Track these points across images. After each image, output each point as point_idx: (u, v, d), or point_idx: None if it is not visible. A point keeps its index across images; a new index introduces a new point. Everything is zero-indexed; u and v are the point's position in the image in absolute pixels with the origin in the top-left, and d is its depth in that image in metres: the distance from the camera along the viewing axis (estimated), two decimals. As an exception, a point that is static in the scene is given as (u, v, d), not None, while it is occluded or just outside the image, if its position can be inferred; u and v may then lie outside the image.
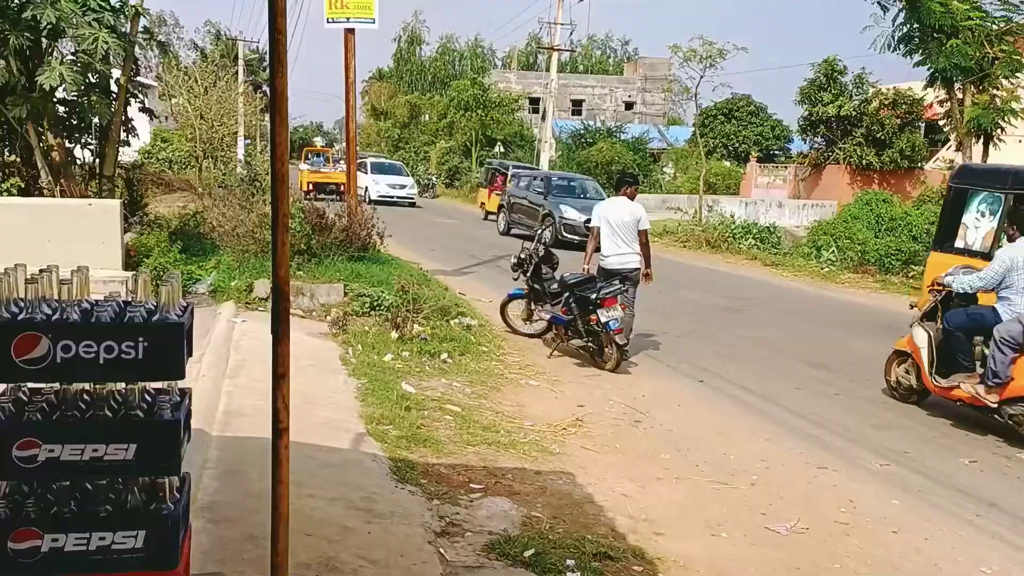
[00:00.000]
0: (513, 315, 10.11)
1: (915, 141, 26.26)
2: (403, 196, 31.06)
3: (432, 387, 7.33)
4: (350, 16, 11.97)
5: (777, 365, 9.21)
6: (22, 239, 8.61)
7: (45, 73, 9.36)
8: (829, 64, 27.67)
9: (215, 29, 59.72)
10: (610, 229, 8.76)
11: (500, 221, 22.64)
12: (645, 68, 56.42)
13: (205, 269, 10.57)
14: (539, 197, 20.84)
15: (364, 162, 32.39)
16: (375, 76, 69.49)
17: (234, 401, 5.89)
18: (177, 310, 2.28)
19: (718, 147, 35.76)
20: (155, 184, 22.03)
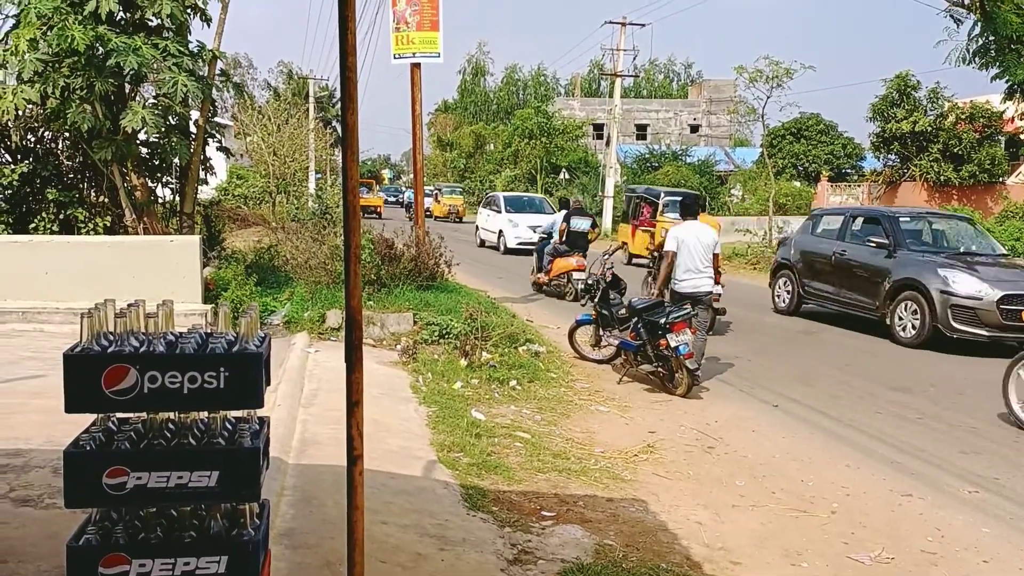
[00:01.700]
0: (581, 341, 10.08)
1: (995, 155, 25.32)
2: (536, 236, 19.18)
3: (501, 414, 7.35)
4: (416, 51, 12.25)
5: (855, 389, 8.93)
6: (109, 275, 9.04)
7: (128, 116, 9.82)
8: (902, 79, 26.98)
9: (287, 69, 61.85)
10: (687, 253, 8.69)
11: (779, 292, 13.99)
12: (710, 90, 56.04)
13: (279, 301, 10.86)
14: (879, 255, 12.22)
15: (495, 198, 26.68)
16: (441, 108, 70.85)
17: (309, 429, 6.02)
18: (256, 340, 2.36)
19: (787, 167, 35.16)
20: (231, 220, 22.81)
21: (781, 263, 14.17)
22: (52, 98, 10.00)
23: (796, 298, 13.52)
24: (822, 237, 13.53)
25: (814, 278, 13.20)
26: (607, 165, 35.64)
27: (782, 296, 13.96)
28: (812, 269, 13.29)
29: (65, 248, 9.80)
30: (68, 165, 11.56)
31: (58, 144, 11.61)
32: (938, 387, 9.05)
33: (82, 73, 9.62)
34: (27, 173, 11.06)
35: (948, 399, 8.55)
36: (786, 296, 13.85)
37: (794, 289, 13.57)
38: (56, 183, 11.26)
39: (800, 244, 13.89)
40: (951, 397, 8.64)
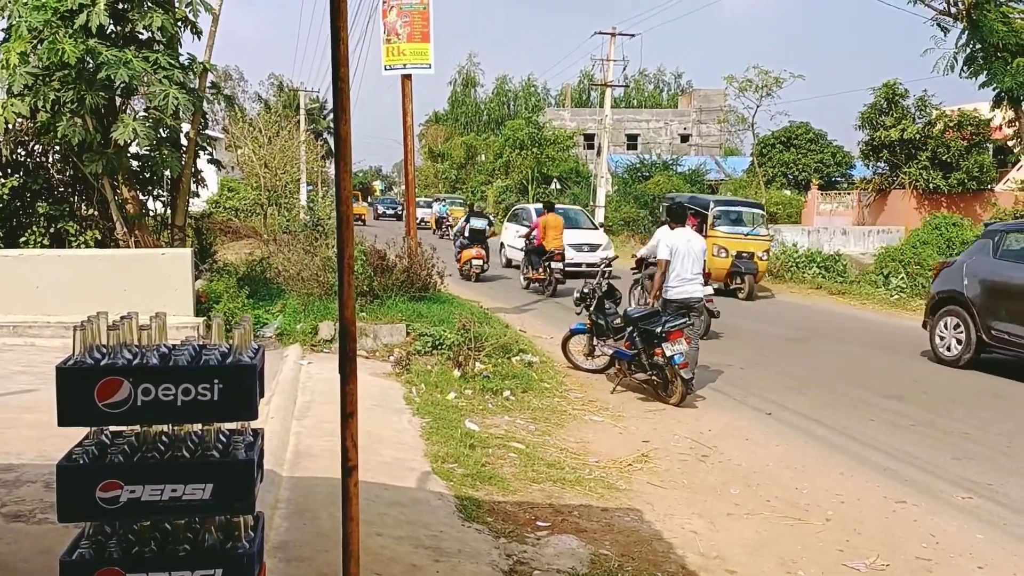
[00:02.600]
0: (575, 351, 10.08)
1: (983, 162, 25.49)
2: (594, 262, 16.92)
3: (495, 424, 7.34)
4: (407, 63, 12.29)
5: (848, 397, 8.96)
6: (100, 288, 8.99)
7: (119, 129, 9.80)
8: (890, 88, 27.17)
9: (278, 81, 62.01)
10: (679, 260, 8.75)
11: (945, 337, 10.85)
12: (699, 100, 56.33)
13: (272, 313, 10.84)
14: None
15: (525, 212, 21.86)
16: (431, 119, 70.99)
17: (302, 442, 5.99)
18: (249, 352, 2.35)
19: (777, 176, 35.30)
20: (223, 232, 22.78)
21: (946, 296, 10.81)
22: (42, 111, 9.98)
23: (974, 345, 10.27)
24: (1015, 261, 10.16)
25: (1005, 318, 9.90)
26: (598, 175, 35.78)
27: (949, 343, 10.67)
28: (1001, 305, 10.01)
29: (56, 262, 9.75)
30: (59, 178, 11.52)
31: (48, 157, 11.58)
32: (930, 395, 9.08)
33: (73, 86, 9.61)
34: (17, 187, 11.02)
35: (940, 406, 8.58)
36: (957, 343, 10.54)
37: (971, 333, 10.28)
38: (47, 196, 11.21)
39: (977, 271, 10.48)
40: (943, 404, 8.67)
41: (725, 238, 17.37)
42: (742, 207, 19.01)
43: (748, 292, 16.76)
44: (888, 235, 24.74)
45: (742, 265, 16.94)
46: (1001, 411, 8.49)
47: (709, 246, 14.79)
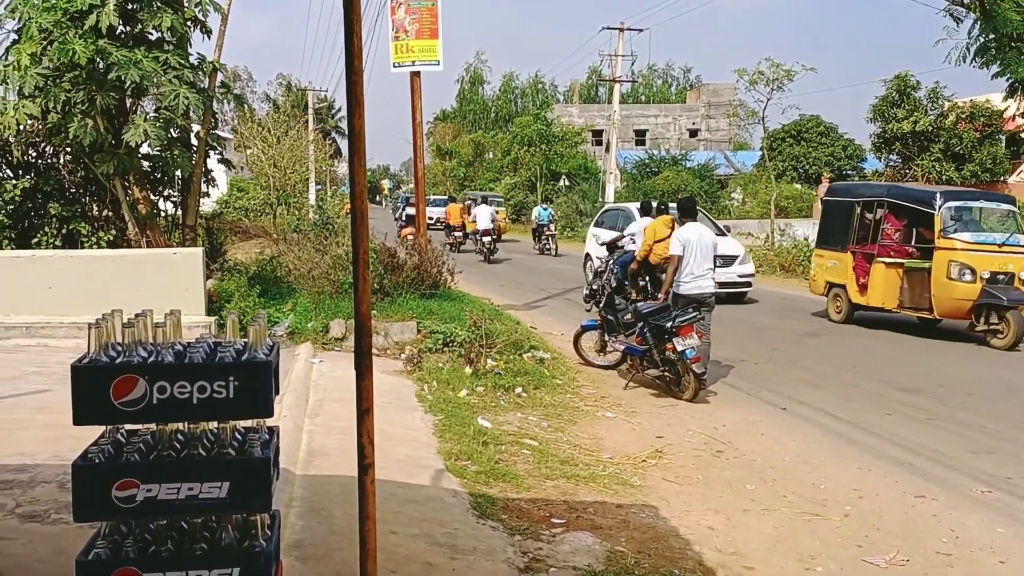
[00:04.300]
0: (586, 347, 10.05)
1: (996, 154, 25.29)
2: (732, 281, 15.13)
3: (508, 421, 7.31)
4: (415, 60, 12.26)
5: (863, 390, 8.88)
6: (112, 289, 9.01)
7: (130, 130, 9.81)
8: (901, 80, 26.98)
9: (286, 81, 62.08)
10: (691, 255, 8.70)
11: None
12: (708, 94, 56.09)
13: (282, 312, 10.84)
14: None
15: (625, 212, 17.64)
16: (439, 117, 70.90)
17: (315, 440, 5.98)
18: (264, 349, 2.33)
19: (788, 170, 35.14)
20: (233, 232, 22.80)
21: None
22: (53, 112, 10.00)
23: None
24: None
25: None
26: (607, 171, 35.69)
27: None
28: None
29: (68, 262, 9.78)
30: (70, 179, 11.54)
31: (60, 159, 11.60)
32: (946, 387, 9.00)
33: (83, 87, 9.62)
34: (29, 188, 11.05)
35: (956, 399, 8.50)
36: None
37: None
38: (58, 198, 11.25)
39: None
40: (959, 397, 8.59)
41: (969, 251, 11.43)
42: (990, 202, 12.68)
43: (1013, 337, 10.85)
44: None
45: (1001, 295, 11.01)
46: (1018, 404, 8.40)
47: (942, 263, 11.40)
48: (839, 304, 13.07)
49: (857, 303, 12.63)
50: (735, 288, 15.18)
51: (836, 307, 13.15)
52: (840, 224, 13.13)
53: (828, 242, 13.51)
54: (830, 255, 13.30)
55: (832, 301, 13.28)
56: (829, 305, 13.31)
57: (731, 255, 15.25)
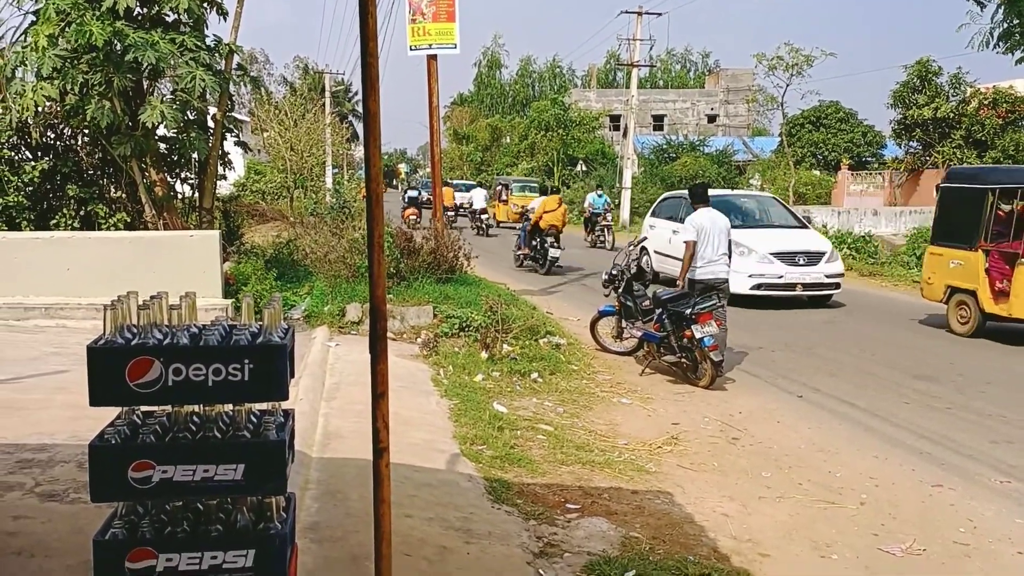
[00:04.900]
0: (603, 333, 10.02)
1: (1020, 140, 24.93)
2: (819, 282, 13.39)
3: (523, 406, 7.31)
4: (432, 43, 12.20)
5: (880, 379, 8.81)
6: (129, 271, 9.07)
7: (147, 112, 9.84)
8: (923, 65, 26.61)
9: (303, 64, 62.11)
10: (705, 241, 8.66)
11: None
12: (727, 79, 55.58)
13: (299, 295, 10.88)
14: None
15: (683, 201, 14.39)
16: (456, 101, 70.76)
17: (331, 423, 6.00)
18: (280, 332, 2.32)
19: (807, 156, 34.82)
20: (250, 215, 22.88)
21: None
22: (71, 94, 10.04)
23: None
24: None
25: None
26: (624, 156, 35.45)
27: None
28: None
29: (86, 244, 9.85)
30: (88, 161, 11.61)
31: (77, 140, 11.67)
32: (965, 376, 8.91)
33: (100, 69, 9.65)
34: (48, 170, 11.13)
35: (975, 388, 8.41)
36: None
37: None
38: (76, 179, 11.32)
39: None
40: (978, 386, 8.50)
41: None
42: None
43: None
44: (921, 216, 24.27)
45: None
46: None
47: None
48: (965, 313, 10.93)
49: (991, 312, 10.51)
50: (822, 290, 13.39)
51: (961, 316, 11.02)
52: (967, 217, 10.90)
53: (950, 238, 11.26)
54: (953, 254, 11.10)
55: (955, 309, 11.07)
56: (951, 314, 11.16)
57: (817, 251, 13.51)
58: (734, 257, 11.77)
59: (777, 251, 13.08)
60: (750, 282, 12.78)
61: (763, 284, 12.88)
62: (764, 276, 12.91)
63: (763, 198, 16.22)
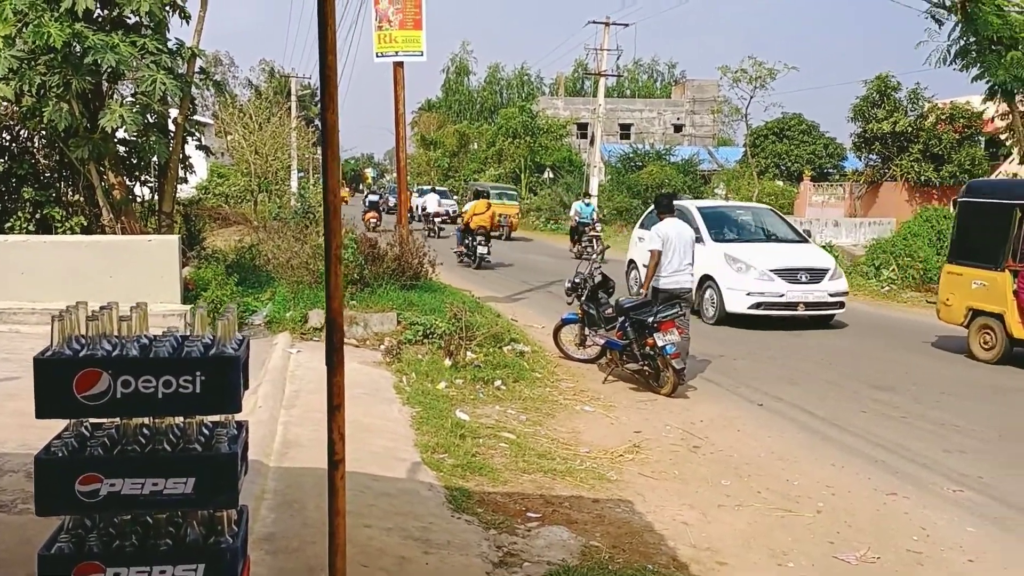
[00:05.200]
0: (566, 340, 10.05)
1: (975, 155, 25.55)
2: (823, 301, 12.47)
3: (486, 414, 7.30)
4: (399, 50, 12.16)
5: (839, 388, 8.95)
6: (86, 275, 8.89)
7: (106, 116, 9.66)
8: (882, 80, 27.16)
9: (269, 67, 61.50)
10: (671, 250, 8.77)
11: None
12: (693, 90, 56.19)
13: (261, 300, 10.75)
14: None
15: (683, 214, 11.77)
16: (424, 107, 70.61)
17: (290, 431, 5.94)
18: (233, 343, 2.29)
19: (770, 167, 35.32)
20: (212, 219, 22.56)
21: None
22: (28, 96, 9.83)
23: None
24: None
25: None
26: (591, 164, 35.66)
27: None
28: None
29: (41, 248, 9.63)
30: (44, 164, 11.37)
31: (34, 142, 11.42)
32: (921, 386, 9.08)
33: (59, 71, 9.46)
34: (3, 172, 10.88)
35: (931, 398, 8.58)
36: None
37: None
38: (32, 182, 11.07)
39: None
40: (934, 396, 8.67)
41: None
42: None
43: None
44: (880, 227, 24.75)
45: None
46: (992, 403, 8.50)
47: None
48: (990, 338, 10.11)
49: (1021, 338, 9.79)
50: (826, 309, 12.44)
51: (984, 341, 10.19)
52: (991, 234, 10.12)
53: (971, 256, 10.49)
54: (975, 274, 10.26)
55: (977, 333, 10.28)
56: (973, 338, 10.37)
57: (820, 268, 12.55)
58: (731, 274, 12.13)
59: (778, 268, 12.21)
60: (748, 301, 12.00)
61: (763, 303, 12.02)
62: (764, 294, 12.03)
63: (760, 210, 15.33)
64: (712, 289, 12.42)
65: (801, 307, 12.14)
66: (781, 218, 14.79)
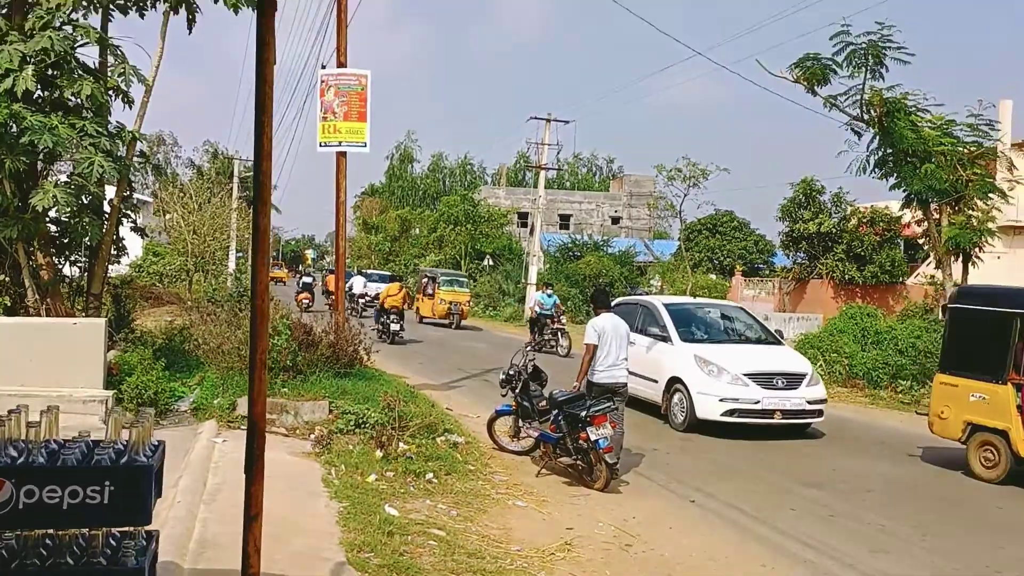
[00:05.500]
0: (500, 432, 9.98)
1: (895, 257, 26.81)
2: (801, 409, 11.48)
3: (417, 509, 7.14)
4: (342, 140, 12.34)
5: (770, 484, 9.04)
6: (7, 358, 8.54)
7: (39, 195, 9.49)
8: (807, 184, 28.55)
9: (213, 148, 61.45)
10: (607, 344, 8.86)
11: None
12: (630, 185, 58.08)
13: (188, 386, 10.46)
14: None
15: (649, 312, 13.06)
16: (367, 191, 71.20)
17: (209, 529, 5.70)
18: (148, 449, 2.23)
19: (703, 261, 36.41)
20: (144, 298, 22.08)
21: None
22: (-42, 173, 9.61)
23: None
24: None
25: None
26: (531, 253, 36.22)
27: None
28: None
29: (-41, 328, 9.25)
30: (-32, 242, 11.02)
31: (-40, 220, 11.08)
32: (848, 484, 9.23)
33: (-7, 150, 9.31)
34: (-76, 249, 10.51)
35: (858, 496, 8.72)
36: None
37: None
38: (-45, 261, 10.71)
39: None
40: (860, 494, 8.82)
41: None
42: None
43: None
44: (807, 322, 25.54)
45: None
46: (913, 502, 8.68)
47: None
48: (993, 456, 9.41)
49: None
50: (803, 417, 11.51)
51: (987, 459, 9.48)
52: (988, 344, 9.61)
53: (967, 367, 9.84)
54: (973, 386, 9.63)
55: (977, 450, 9.57)
56: (972, 455, 9.63)
57: (796, 372, 11.66)
58: (702, 377, 11.25)
59: (752, 372, 11.33)
60: (722, 407, 11.07)
61: (737, 410, 11.07)
62: (738, 401, 11.08)
63: (728, 307, 14.58)
64: (682, 393, 11.51)
65: (778, 415, 11.17)
66: (752, 317, 14.06)
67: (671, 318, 12.46)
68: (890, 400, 15.57)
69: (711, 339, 12.54)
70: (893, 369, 16.38)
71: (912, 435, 11.87)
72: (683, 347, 11.91)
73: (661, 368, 12.02)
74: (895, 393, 15.67)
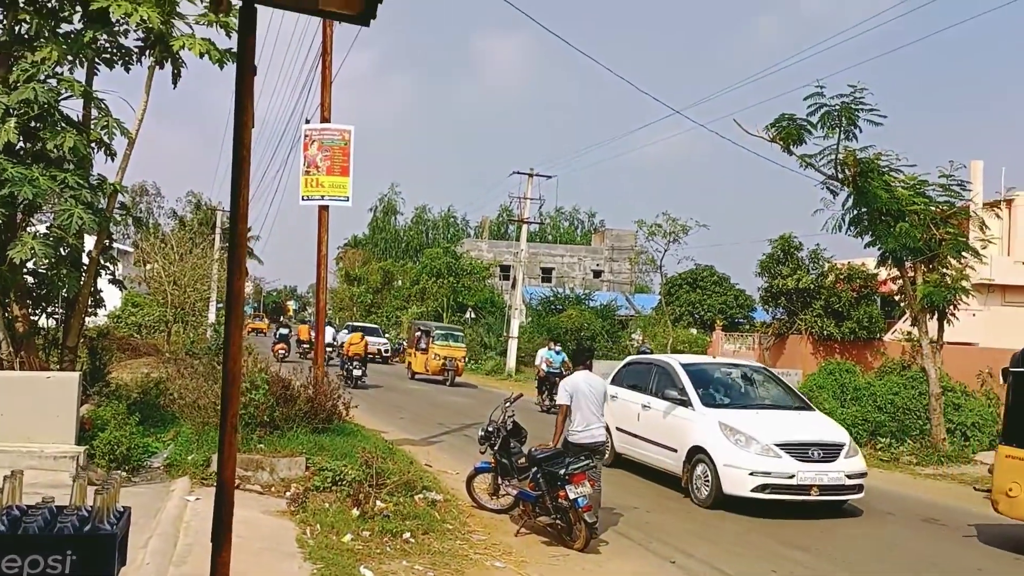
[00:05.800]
0: (479, 489, 9.86)
1: (872, 313, 27.06)
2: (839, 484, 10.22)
3: (393, 571, 7.00)
4: (325, 194, 12.41)
5: (752, 545, 8.94)
6: (-26, 412, 8.38)
7: (17, 247, 9.44)
8: (785, 240, 28.94)
9: (195, 199, 61.59)
10: (583, 403, 8.78)
11: None
12: (612, 239, 58.62)
13: (162, 441, 10.29)
14: None
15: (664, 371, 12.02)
16: (350, 243, 71.29)
17: (179, 592, 5.56)
18: (112, 517, 2.19)
19: (684, 315, 36.61)
20: (121, 349, 21.83)
21: None
22: (-66, 224, 9.56)
23: None
24: None
25: None
26: (513, 306, 36.28)
27: None
28: None
29: (-71, 381, 9.08)
30: (-57, 293, 10.90)
31: (-66, 271, 10.98)
32: (833, 545, 9.16)
33: (-30, 201, 9.29)
34: None
35: (844, 559, 8.64)
36: None
37: None
38: (-72, 311, 10.57)
39: None
40: (846, 556, 8.74)
41: None
42: None
43: None
44: (788, 377, 25.48)
45: None
46: (892, 563, 8.62)
47: None
48: None
49: None
50: (842, 494, 10.33)
51: None
52: None
53: None
54: None
55: None
56: None
57: (832, 443, 10.49)
58: (729, 447, 10.14)
59: (784, 442, 10.18)
60: (752, 482, 9.91)
61: (769, 486, 9.90)
62: (771, 475, 9.88)
63: (749, 367, 13.11)
64: (705, 465, 10.37)
65: (815, 490, 9.98)
66: (777, 378, 12.82)
67: (690, 380, 11.37)
68: (869, 457, 15.51)
69: (735, 403, 11.35)
70: (872, 426, 16.41)
71: (890, 493, 11.85)
72: (706, 412, 10.79)
73: (681, 436, 10.93)
74: (874, 451, 15.66)
